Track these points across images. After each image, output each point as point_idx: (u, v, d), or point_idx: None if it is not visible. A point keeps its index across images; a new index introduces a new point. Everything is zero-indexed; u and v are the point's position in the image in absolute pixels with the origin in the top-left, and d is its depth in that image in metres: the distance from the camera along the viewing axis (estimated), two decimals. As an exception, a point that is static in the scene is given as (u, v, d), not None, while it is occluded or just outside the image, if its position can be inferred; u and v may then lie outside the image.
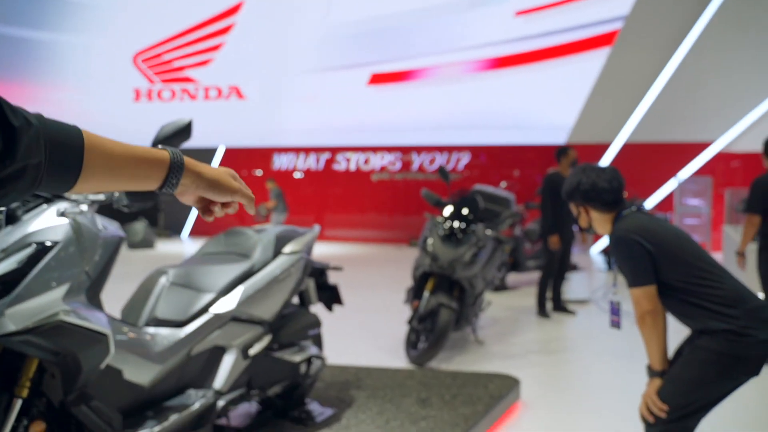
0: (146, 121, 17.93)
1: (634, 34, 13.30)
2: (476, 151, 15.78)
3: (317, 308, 3.97)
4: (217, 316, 2.85)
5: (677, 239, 2.61)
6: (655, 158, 13.72)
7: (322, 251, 14.44)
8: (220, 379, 2.86)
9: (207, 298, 2.86)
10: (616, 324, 2.83)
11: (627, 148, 13.85)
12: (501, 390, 4.06)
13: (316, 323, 3.45)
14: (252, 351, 2.99)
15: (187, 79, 17.89)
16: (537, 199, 9.82)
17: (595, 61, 13.83)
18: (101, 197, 2.36)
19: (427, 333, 5.21)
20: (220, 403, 2.83)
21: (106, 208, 2.44)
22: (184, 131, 2.37)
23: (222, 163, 17.69)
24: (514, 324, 6.80)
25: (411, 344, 5.24)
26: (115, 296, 3.91)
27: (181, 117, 2.43)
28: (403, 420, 3.53)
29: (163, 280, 2.82)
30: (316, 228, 3.60)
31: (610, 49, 13.60)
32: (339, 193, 16.97)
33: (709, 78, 12.84)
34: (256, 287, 3.01)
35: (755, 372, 2.49)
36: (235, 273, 2.99)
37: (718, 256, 10.15)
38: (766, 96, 12.82)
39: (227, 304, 2.90)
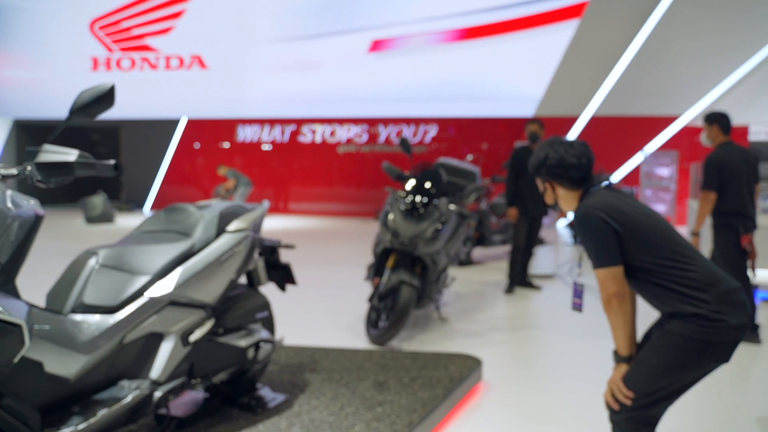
0: (104, 91, 17.39)
1: (603, 6, 13.14)
2: (444, 123, 15.58)
3: (271, 288, 3.77)
4: (152, 301, 2.63)
5: (647, 219, 2.45)
6: (622, 132, 13.69)
7: (287, 225, 14.20)
8: (157, 369, 2.65)
9: (141, 280, 2.63)
10: (578, 307, 2.68)
11: (595, 122, 13.79)
12: (462, 371, 3.92)
13: (265, 305, 3.24)
14: (193, 337, 2.78)
15: (147, 48, 17.31)
16: (503, 172, 9.68)
17: (563, 33, 13.66)
18: (12, 171, 2.12)
19: (388, 311, 5.04)
20: (157, 393, 2.62)
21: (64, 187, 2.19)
22: (106, 98, 2.12)
23: (184, 136, 17.26)
24: (478, 300, 6.67)
25: (371, 323, 5.07)
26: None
27: (103, 82, 2.17)
28: (359, 405, 3.36)
29: (92, 262, 2.57)
30: (265, 203, 3.38)
31: (578, 21, 13.44)
32: (304, 166, 16.68)
33: (676, 52, 12.79)
34: (196, 268, 2.79)
35: (725, 358, 2.36)
36: (174, 253, 2.77)
37: (683, 230, 10.16)
38: (731, 71, 12.84)
39: (164, 287, 2.68)
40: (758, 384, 4.40)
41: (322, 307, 6.35)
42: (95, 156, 2.13)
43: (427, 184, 5.28)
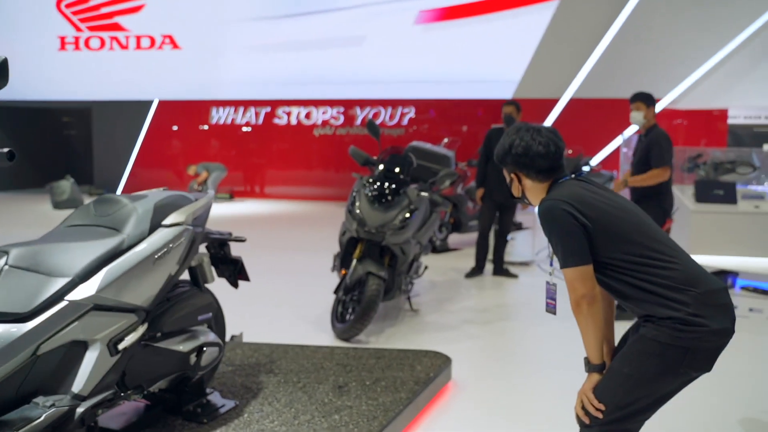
0: (73, 71, 16.84)
1: (583, -14, 12.88)
2: (422, 105, 15.27)
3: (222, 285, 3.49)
4: (73, 305, 2.33)
5: (620, 212, 2.20)
6: (602, 114, 13.48)
7: (261, 209, 13.85)
8: (80, 381, 2.36)
9: (60, 283, 2.33)
10: (551, 309, 2.43)
11: (574, 104, 13.56)
12: (429, 371, 3.66)
13: (210, 305, 2.95)
14: (122, 344, 2.48)
15: (117, 27, 16.77)
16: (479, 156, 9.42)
17: (543, 13, 13.36)
18: None
19: (355, 304, 4.78)
20: (81, 409, 2.34)
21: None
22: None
23: (156, 117, 16.78)
24: (452, 290, 6.43)
25: (337, 317, 4.81)
26: None
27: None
28: (315, 413, 3.10)
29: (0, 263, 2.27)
30: (210, 193, 3.09)
31: (558, 2, 13.15)
32: (280, 149, 16.30)
33: (656, 35, 12.59)
34: (125, 268, 2.49)
35: (706, 367, 2.12)
36: (100, 251, 2.47)
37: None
38: (712, 54, 12.68)
39: (87, 289, 2.37)
40: (740, 382, 4.20)
41: (289, 297, 6.07)
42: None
43: (396, 170, 5.00)
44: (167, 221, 2.68)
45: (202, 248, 3.15)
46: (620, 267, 2.13)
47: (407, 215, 4.84)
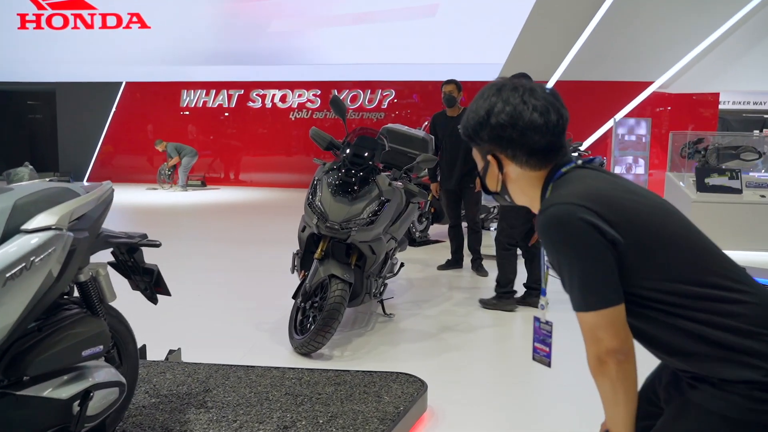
0: (35, 51, 15.89)
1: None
2: (402, 87, 14.55)
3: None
4: None
5: (661, 215, 1.47)
6: (591, 98, 12.84)
7: (234, 197, 13.07)
8: None
9: None
10: (543, 357, 1.72)
11: (562, 86, 12.89)
12: (399, 404, 2.97)
13: (102, 334, 2.21)
14: (-39, 398, 1.77)
15: (81, 4, 15.84)
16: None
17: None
18: None
19: (316, 312, 4.08)
20: None
21: None
22: None
23: (123, 100, 15.91)
24: (432, 289, 5.74)
25: (295, 327, 4.10)
26: None
27: None
28: (248, 468, 2.40)
29: None
30: (106, 185, 2.36)
31: (546, -22, 12.43)
32: (254, 133, 15.50)
33: (647, 16, 11.96)
34: (-41, 292, 1.77)
35: None
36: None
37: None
38: (703, 38, 12.13)
39: None
40: None
41: (247, 300, 5.37)
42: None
43: (365, 155, 4.29)
44: (30, 225, 1.95)
45: (100, 257, 2.42)
46: (663, 303, 1.41)
47: (376, 208, 4.13)
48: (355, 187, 4.12)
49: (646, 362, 1.59)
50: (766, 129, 15.37)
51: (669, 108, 13.54)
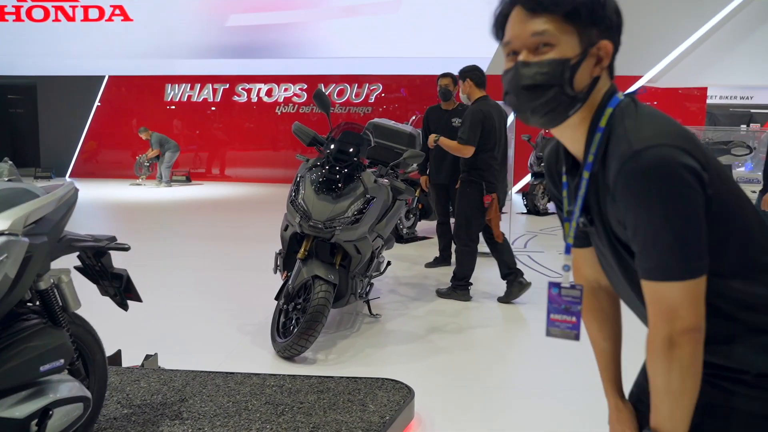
0: (15, 43, 15.59)
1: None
2: (389, 81, 14.39)
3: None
4: None
5: (729, 175, 1.28)
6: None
7: (219, 193, 12.85)
8: None
9: None
10: (569, 329, 1.39)
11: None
12: (385, 413, 2.83)
13: (63, 346, 2.05)
14: None
15: (63, -4, 15.57)
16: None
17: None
18: None
19: (300, 314, 3.93)
20: None
21: None
22: None
23: (106, 94, 15.66)
24: (419, 288, 5.60)
25: (278, 329, 3.95)
26: None
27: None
28: (223, 486, 2.25)
29: None
30: (68, 184, 2.20)
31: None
32: (239, 128, 15.29)
33: (636, 11, 11.88)
34: None
35: None
36: None
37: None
38: (691, 33, 12.09)
39: None
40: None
41: (228, 299, 5.21)
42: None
43: (350, 151, 4.14)
44: (-20, 229, 1.79)
45: (64, 261, 2.26)
46: (730, 277, 1.21)
47: (361, 206, 3.98)
48: (340, 185, 3.97)
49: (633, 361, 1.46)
50: (753, 123, 15.36)
51: (656, 103, 13.50)
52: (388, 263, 5.07)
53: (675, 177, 1.14)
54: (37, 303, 2.20)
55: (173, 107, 15.52)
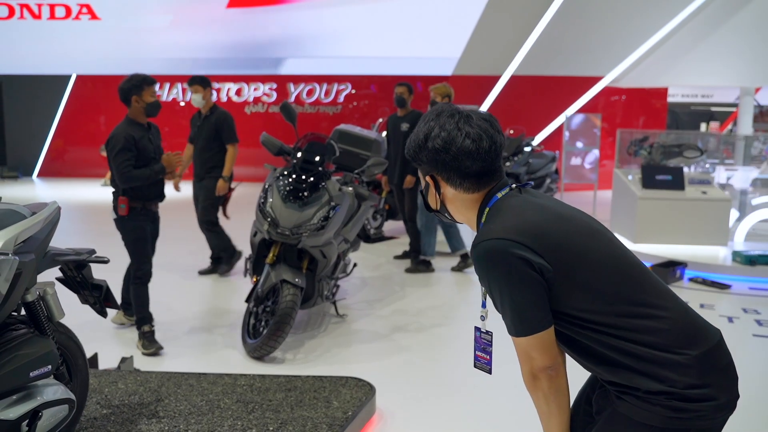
0: (-22, 42, 15.46)
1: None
2: (358, 81, 14.58)
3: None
4: None
5: (590, 241, 1.58)
6: (544, 93, 13.07)
7: (187, 193, 12.83)
8: None
9: None
10: (484, 365, 1.80)
11: (515, 81, 13.10)
12: (348, 408, 3.07)
13: (50, 354, 2.24)
14: None
15: (28, -6, 15.45)
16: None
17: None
18: None
19: (269, 316, 4.14)
20: None
21: None
22: None
23: (73, 94, 15.60)
24: (385, 287, 5.84)
25: (248, 331, 4.16)
26: None
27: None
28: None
29: None
30: (52, 205, 2.38)
31: (499, -26, 12.59)
32: (208, 128, 15.35)
33: (598, 12, 12.23)
34: None
35: None
36: None
37: (607, 195, 9.58)
38: (653, 32, 12.45)
39: None
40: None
41: (199, 302, 5.39)
42: None
43: (316, 159, 4.35)
44: (-27, 250, 1.98)
45: (48, 275, 2.45)
46: (590, 321, 1.53)
47: (327, 213, 4.20)
48: (306, 193, 4.19)
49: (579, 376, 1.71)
50: (713, 121, 15.85)
51: (623, 97, 13.87)
52: (354, 265, 5.29)
53: (503, 263, 1.51)
54: (23, 313, 2.39)
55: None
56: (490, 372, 1.77)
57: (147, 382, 3.32)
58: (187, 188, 6.47)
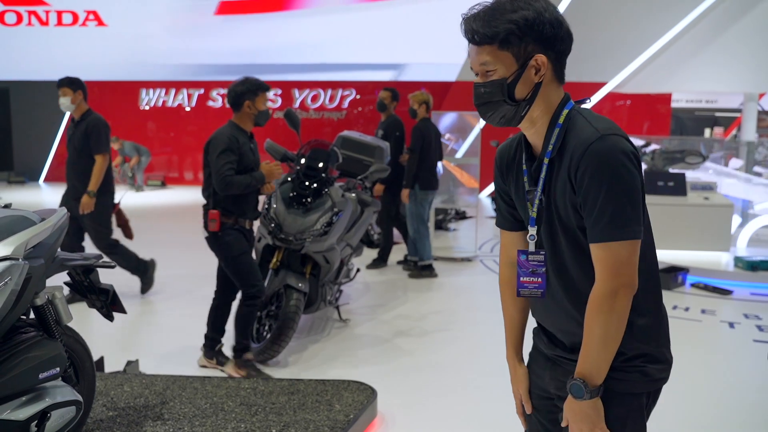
0: (-14, 48, 15.61)
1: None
2: (362, 87, 14.65)
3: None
4: None
5: None
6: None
7: (194, 198, 12.98)
8: None
9: None
10: (536, 288, 1.62)
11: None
12: (350, 411, 3.11)
13: (58, 357, 2.30)
14: None
15: (36, 1, 15.59)
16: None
17: (487, -9, 12.87)
18: None
19: (273, 321, 4.20)
20: None
21: None
22: None
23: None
24: (388, 293, 5.89)
25: (252, 335, 4.21)
26: None
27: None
28: (202, 479, 2.52)
29: None
30: (61, 211, 2.44)
31: (502, -20, 12.66)
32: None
33: (601, 18, 12.28)
34: None
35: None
36: None
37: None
38: (657, 38, 12.49)
39: None
40: (700, 397, 3.79)
41: (203, 306, 5.42)
42: None
43: (319, 166, 4.41)
44: (-15, 255, 2.04)
45: (57, 280, 2.51)
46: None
47: (329, 219, 4.26)
48: (309, 199, 4.25)
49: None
50: (717, 127, 15.86)
51: (627, 102, 13.89)
52: (357, 270, 5.35)
53: (628, 158, 1.45)
54: (32, 316, 2.45)
55: (148, 112, 15.64)
56: (543, 296, 1.62)
57: (152, 385, 3.38)
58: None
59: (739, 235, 7.34)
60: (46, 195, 14.11)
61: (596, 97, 13.09)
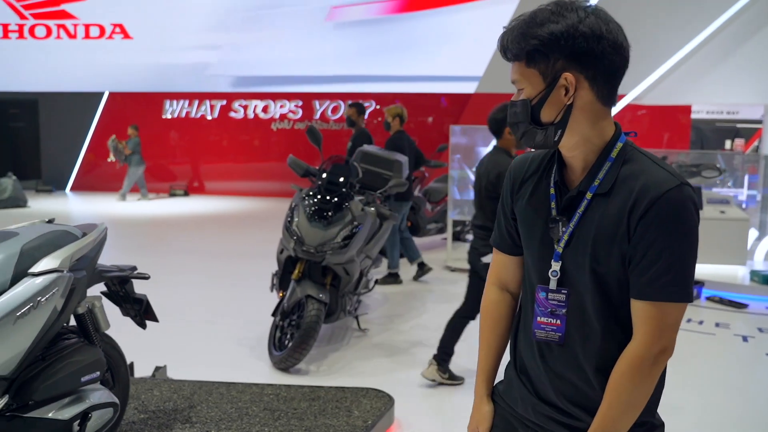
0: (17, 60, 16.02)
1: (547, -23, 12.55)
2: (382, 99, 14.84)
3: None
4: None
5: None
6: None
7: (216, 207, 13.25)
8: None
9: None
10: (553, 332, 1.46)
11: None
12: (368, 418, 3.26)
13: (98, 362, 2.48)
14: (-25, 422, 2.03)
15: (64, 15, 16.00)
16: (440, 156, 9.03)
17: (506, 6, 13.01)
18: None
19: (294, 330, 4.36)
20: None
21: None
22: None
23: (106, 110, 16.08)
24: (406, 303, 6.03)
25: (274, 343, 4.38)
26: None
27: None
28: (229, 479, 2.68)
29: None
30: (101, 227, 2.62)
31: (521, -6, 12.80)
32: (236, 143, 15.73)
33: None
34: (-26, 330, 2.03)
35: None
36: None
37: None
38: (676, 50, 12.54)
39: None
40: (715, 414, 3.88)
41: (229, 315, 5.62)
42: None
43: (340, 181, 4.57)
44: (36, 268, 2.22)
45: (94, 290, 2.69)
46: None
47: (350, 232, 4.42)
48: (330, 213, 4.41)
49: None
50: (738, 138, 15.81)
51: (644, 111, 13.94)
52: (376, 281, 5.50)
53: (696, 214, 1.31)
54: (73, 323, 2.63)
55: (171, 123, 15.94)
56: (561, 340, 1.43)
57: (180, 390, 3.55)
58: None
59: (757, 248, 7.40)
60: (73, 204, 14.42)
61: (615, 109, 13.17)
